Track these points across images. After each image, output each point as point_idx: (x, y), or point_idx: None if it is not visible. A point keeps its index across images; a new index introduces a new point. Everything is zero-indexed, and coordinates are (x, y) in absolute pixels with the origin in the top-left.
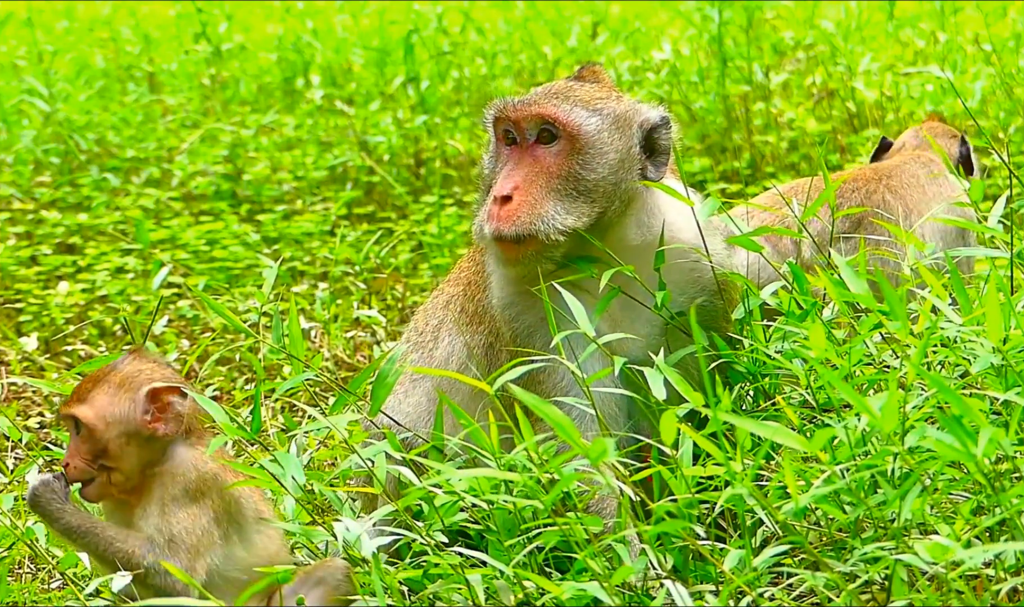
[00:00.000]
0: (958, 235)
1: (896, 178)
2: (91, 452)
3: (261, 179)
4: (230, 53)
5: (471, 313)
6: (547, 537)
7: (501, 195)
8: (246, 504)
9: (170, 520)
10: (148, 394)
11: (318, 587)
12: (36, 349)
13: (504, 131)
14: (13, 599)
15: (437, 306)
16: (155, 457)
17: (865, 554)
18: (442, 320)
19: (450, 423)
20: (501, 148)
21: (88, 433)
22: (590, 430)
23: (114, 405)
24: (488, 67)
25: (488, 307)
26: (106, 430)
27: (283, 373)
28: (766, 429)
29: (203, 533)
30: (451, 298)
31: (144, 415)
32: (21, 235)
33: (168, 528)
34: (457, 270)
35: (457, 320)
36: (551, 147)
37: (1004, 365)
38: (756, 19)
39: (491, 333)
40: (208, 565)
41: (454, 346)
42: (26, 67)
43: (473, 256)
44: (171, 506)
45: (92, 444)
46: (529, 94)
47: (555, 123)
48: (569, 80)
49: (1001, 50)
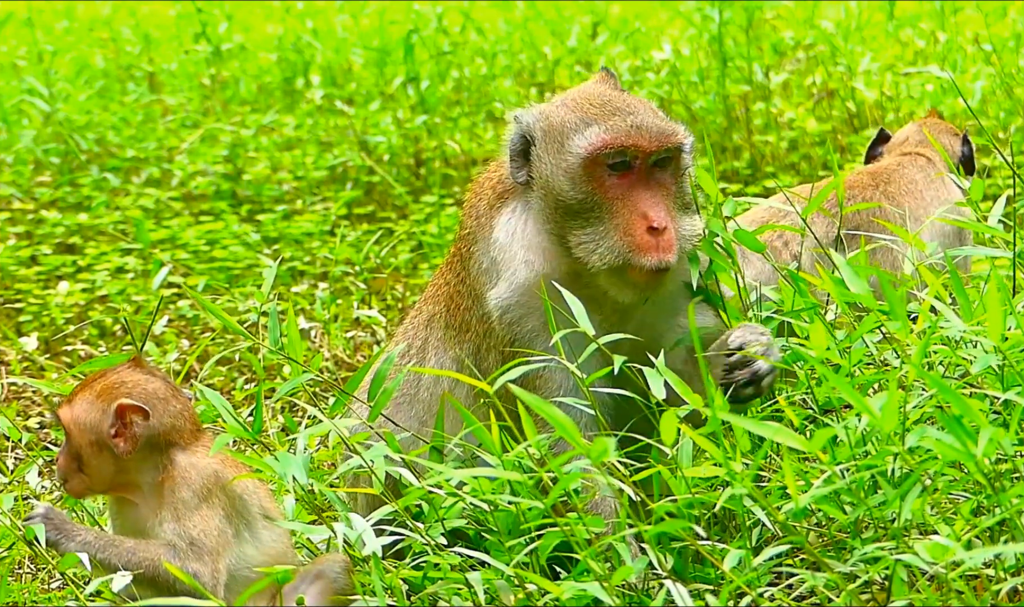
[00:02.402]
0: (956, 237)
1: (894, 184)
2: (71, 452)
3: (261, 179)
4: (230, 53)
5: (456, 326)
6: (548, 538)
7: (661, 227)
8: (250, 500)
9: (187, 525)
10: (116, 409)
11: (317, 581)
12: (36, 349)
13: (619, 161)
14: (13, 599)
15: (419, 326)
16: (158, 466)
17: (865, 554)
18: (426, 339)
19: (449, 430)
20: (605, 175)
21: (68, 435)
22: (589, 431)
23: (88, 413)
24: (488, 67)
25: (473, 317)
26: (79, 435)
27: (283, 373)
28: (766, 429)
29: (219, 533)
30: (432, 316)
31: (110, 429)
32: (21, 235)
33: (187, 532)
34: (432, 288)
35: (443, 336)
36: (667, 170)
37: (1004, 364)
38: (756, 19)
39: (478, 340)
40: (227, 565)
41: (443, 363)
42: (26, 67)
43: (449, 272)
44: (183, 511)
45: (72, 445)
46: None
47: (682, 148)
48: (605, 85)
49: (1001, 50)
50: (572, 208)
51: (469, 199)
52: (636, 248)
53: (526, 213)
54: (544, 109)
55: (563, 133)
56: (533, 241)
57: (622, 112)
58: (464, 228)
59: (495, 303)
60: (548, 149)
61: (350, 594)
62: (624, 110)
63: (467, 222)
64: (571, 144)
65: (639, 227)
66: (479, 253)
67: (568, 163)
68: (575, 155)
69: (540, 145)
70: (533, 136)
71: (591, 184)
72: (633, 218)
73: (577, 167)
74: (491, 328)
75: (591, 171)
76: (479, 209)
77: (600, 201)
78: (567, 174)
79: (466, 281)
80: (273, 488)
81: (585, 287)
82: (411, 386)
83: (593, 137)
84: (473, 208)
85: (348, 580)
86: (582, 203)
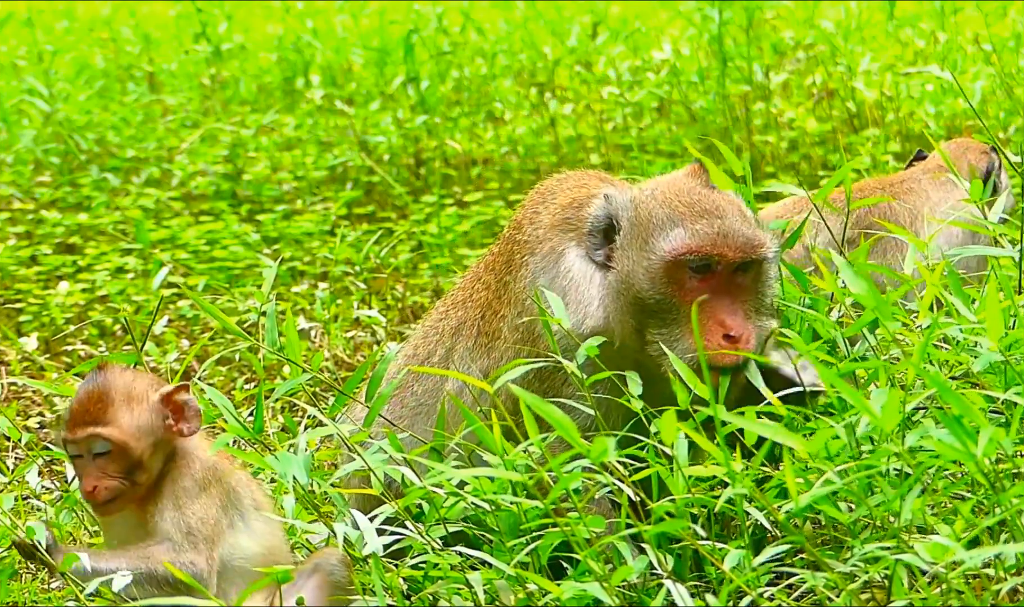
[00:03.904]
0: (965, 240)
1: (899, 185)
2: (122, 468)
3: (261, 179)
4: (230, 53)
5: (489, 334)
6: (548, 538)
7: (737, 336)
8: (243, 492)
9: (185, 513)
10: (161, 400)
11: (314, 575)
12: (36, 349)
13: (704, 265)
14: (13, 599)
15: (444, 333)
16: (164, 455)
17: (865, 554)
18: (451, 348)
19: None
20: (686, 278)
21: (120, 451)
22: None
23: (136, 418)
24: (488, 67)
25: (506, 326)
26: (138, 444)
27: (283, 373)
28: (766, 429)
29: (215, 522)
30: (462, 323)
31: (166, 421)
32: (21, 235)
33: (185, 521)
34: (464, 292)
35: (473, 345)
36: (748, 274)
37: (1004, 364)
38: (756, 19)
39: (504, 348)
40: (221, 554)
41: (469, 373)
42: (26, 67)
43: (488, 273)
44: (184, 499)
45: (123, 461)
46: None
47: (766, 258)
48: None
49: (1001, 50)
50: (650, 307)
51: (532, 204)
52: (710, 357)
53: (599, 273)
54: (635, 197)
55: (648, 230)
56: (607, 299)
57: (710, 215)
58: (521, 233)
59: (555, 328)
60: (632, 243)
61: (348, 587)
62: (712, 213)
63: (526, 228)
64: (655, 243)
65: (715, 334)
66: (536, 267)
67: (650, 261)
68: (657, 256)
69: (625, 236)
70: (619, 222)
71: (671, 286)
72: (711, 324)
73: (659, 268)
74: (526, 340)
75: (672, 273)
76: (544, 222)
77: (678, 303)
78: (647, 273)
79: (511, 287)
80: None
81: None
82: (431, 395)
83: (677, 241)
84: (536, 216)
85: (346, 573)
86: (659, 303)
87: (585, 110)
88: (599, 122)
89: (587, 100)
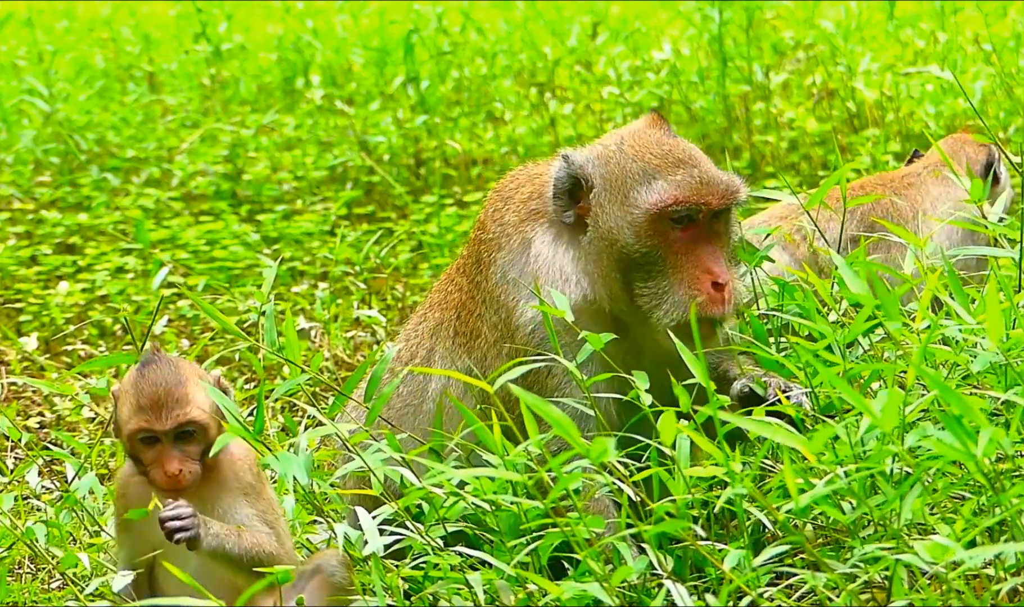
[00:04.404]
0: (965, 237)
1: (900, 181)
2: (199, 450)
3: (261, 179)
4: (230, 53)
5: (466, 333)
6: (548, 538)
7: (724, 282)
8: (267, 487)
9: (262, 507)
10: (217, 383)
11: (314, 576)
12: (36, 349)
13: (686, 216)
14: (13, 599)
15: (424, 334)
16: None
17: (865, 554)
18: (431, 349)
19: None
20: (670, 229)
21: (202, 432)
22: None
23: (210, 400)
24: (488, 67)
25: (485, 324)
26: (215, 424)
27: (283, 372)
28: (766, 429)
29: (282, 512)
30: (440, 324)
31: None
32: (21, 235)
33: (264, 515)
34: (439, 294)
35: (452, 345)
36: (722, 219)
37: (1004, 364)
38: (756, 19)
39: (486, 348)
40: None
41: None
42: (26, 67)
43: (461, 275)
44: (252, 496)
45: (203, 442)
46: (704, 174)
47: (741, 202)
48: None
49: (1001, 50)
50: (635, 260)
51: (493, 204)
52: (701, 304)
53: (572, 245)
54: (600, 152)
55: (627, 184)
56: (580, 269)
57: (685, 164)
58: (486, 232)
59: (531, 315)
60: (611, 199)
61: (348, 589)
62: (687, 162)
63: (490, 227)
64: (636, 197)
65: (704, 283)
66: (504, 262)
67: (633, 216)
68: (641, 209)
69: (600, 193)
70: (588, 180)
71: (656, 238)
72: (698, 273)
73: (643, 221)
74: (505, 337)
75: (656, 225)
76: (506, 217)
77: (664, 255)
78: (632, 227)
79: (483, 286)
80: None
81: (615, 319)
82: (416, 396)
83: (661, 193)
84: (498, 213)
85: (346, 574)
86: (645, 256)
87: (585, 110)
88: (599, 122)
89: (587, 100)
